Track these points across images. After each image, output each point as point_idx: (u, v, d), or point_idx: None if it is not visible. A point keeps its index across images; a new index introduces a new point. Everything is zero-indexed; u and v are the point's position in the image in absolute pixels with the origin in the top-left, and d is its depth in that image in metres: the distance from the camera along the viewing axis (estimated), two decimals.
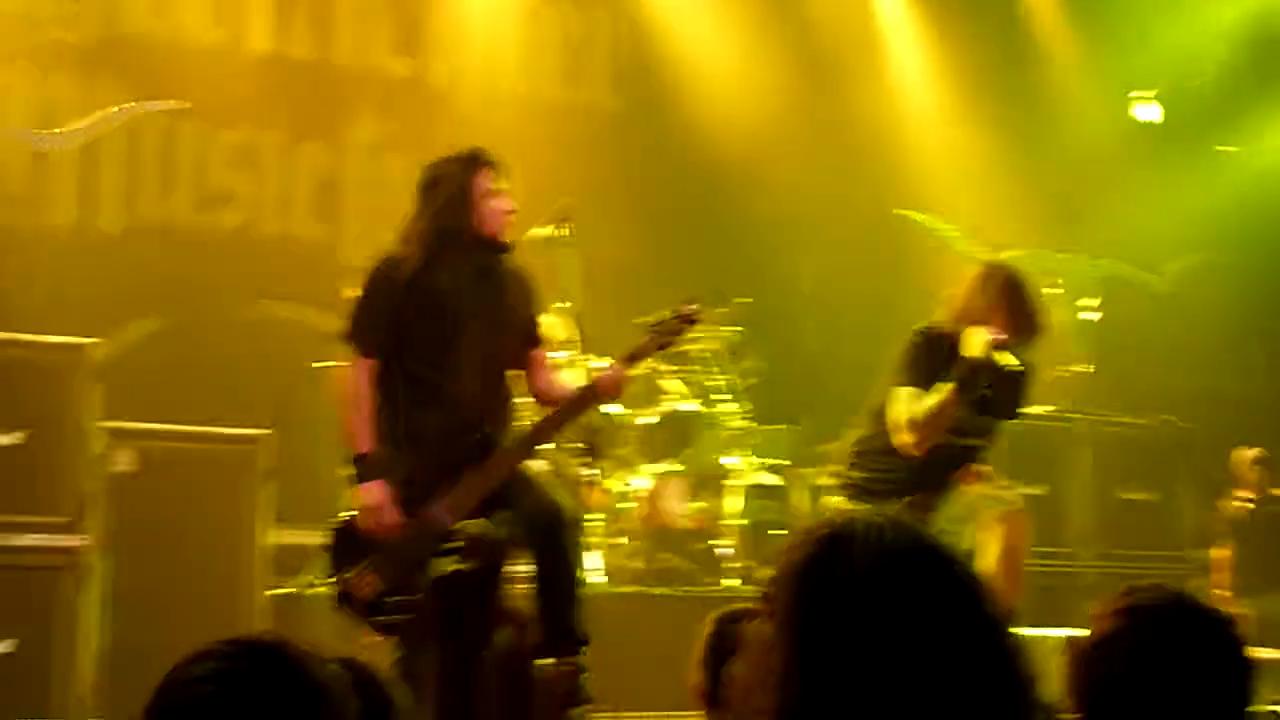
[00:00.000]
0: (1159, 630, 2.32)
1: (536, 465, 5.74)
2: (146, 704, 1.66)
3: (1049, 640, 5.93)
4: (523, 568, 5.47)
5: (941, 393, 6.01)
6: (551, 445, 7.86)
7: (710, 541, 8.34)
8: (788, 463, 8.71)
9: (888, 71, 11.41)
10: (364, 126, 10.29)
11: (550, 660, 5.33)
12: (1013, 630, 1.78)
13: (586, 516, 7.25)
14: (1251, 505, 10.27)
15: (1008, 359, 6.01)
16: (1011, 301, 6.10)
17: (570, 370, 6.73)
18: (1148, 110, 11.00)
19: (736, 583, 8.12)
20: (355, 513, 5.41)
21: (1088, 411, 9.01)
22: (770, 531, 8.22)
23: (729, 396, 8.76)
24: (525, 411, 5.77)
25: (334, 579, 5.45)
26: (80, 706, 6.25)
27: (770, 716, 1.66)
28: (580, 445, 5.77)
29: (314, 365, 8.39)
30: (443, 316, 5.40)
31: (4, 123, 8.19)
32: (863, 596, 1.69)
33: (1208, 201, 10.70)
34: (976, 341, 6.02)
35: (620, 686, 5.86)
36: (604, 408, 8.07)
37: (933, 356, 6.14)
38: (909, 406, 6.07)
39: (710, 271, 10.26)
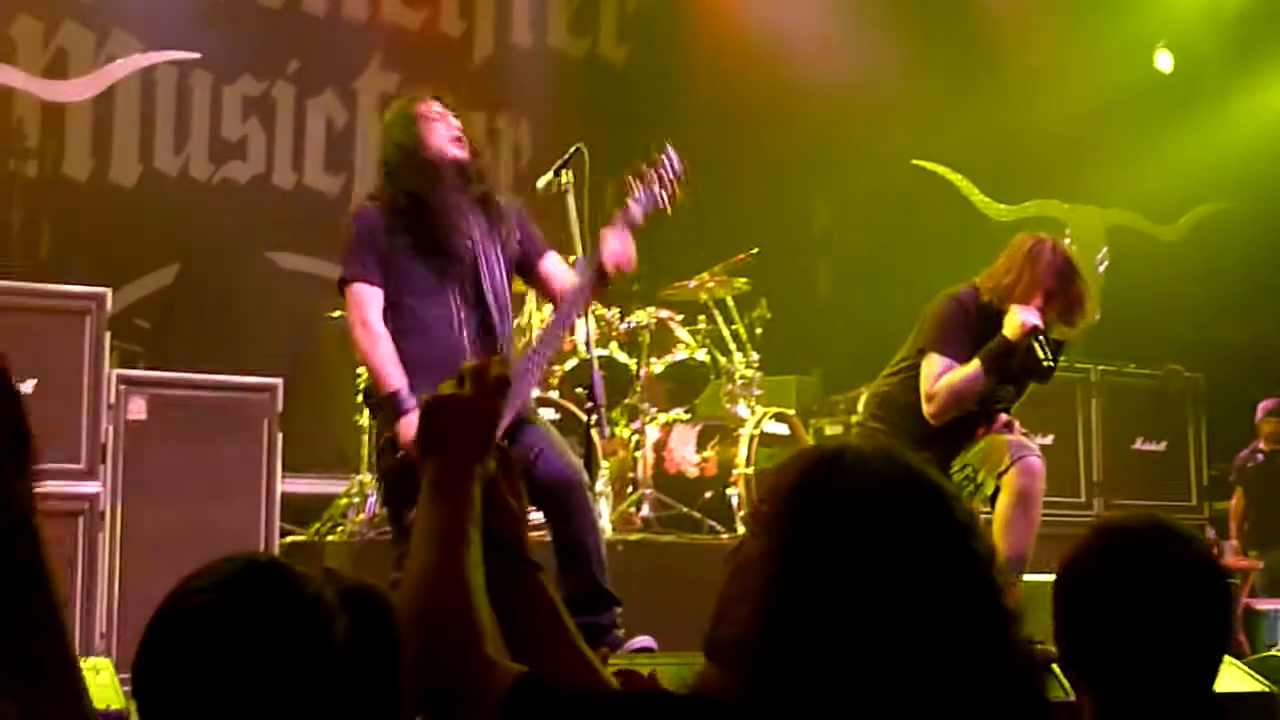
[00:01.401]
0: (1132, 551, 2.34)
1: (545, 423, 5.67)
2: (154, 612, 1.74)
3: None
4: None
5: (968, 369, 5.99)
6: (556, 394, 7.92)
7: (724, 490, 8.37)
8: (792, 412, 8.72)
9: (905, 19, 11.35)
10: (374, 77, 10.31)
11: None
12: (1006, 570, 1.79)
13: (598, 465, 7.29)
14: (1262, 457, 10.29)
15: (1043, 351, 5.99)
16: (1059, 283, 5.99)
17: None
18: (1161, 59, 10.98)
19: (743, 531, 8.15)
20: (401, 452, 5.20)
21: (1097, 361, 9.02)
22: None
23: (737, 346, 8.79)
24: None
25: (400, 520, 5.29)
26: (95, 653, 6.32)
27: (748, 628, 1.70)
28: (587, 394, 5.68)
29: (327, 315, 8.45)
30: (428, 249, 5.35)
31: (16, 74, 8.22)
32: (848, 519, 1.71)
33: (1218, 152, 10.68)
34: (1016, 323, 5.94)
35: (629, 634, 5.91)
36: (620, 355, 8.14)
37: (969, 326, 6.07)
38: (936, 377, 6.07)
39: (720, 219, 10.30)
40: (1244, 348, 10.32)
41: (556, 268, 5.59)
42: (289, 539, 7.30)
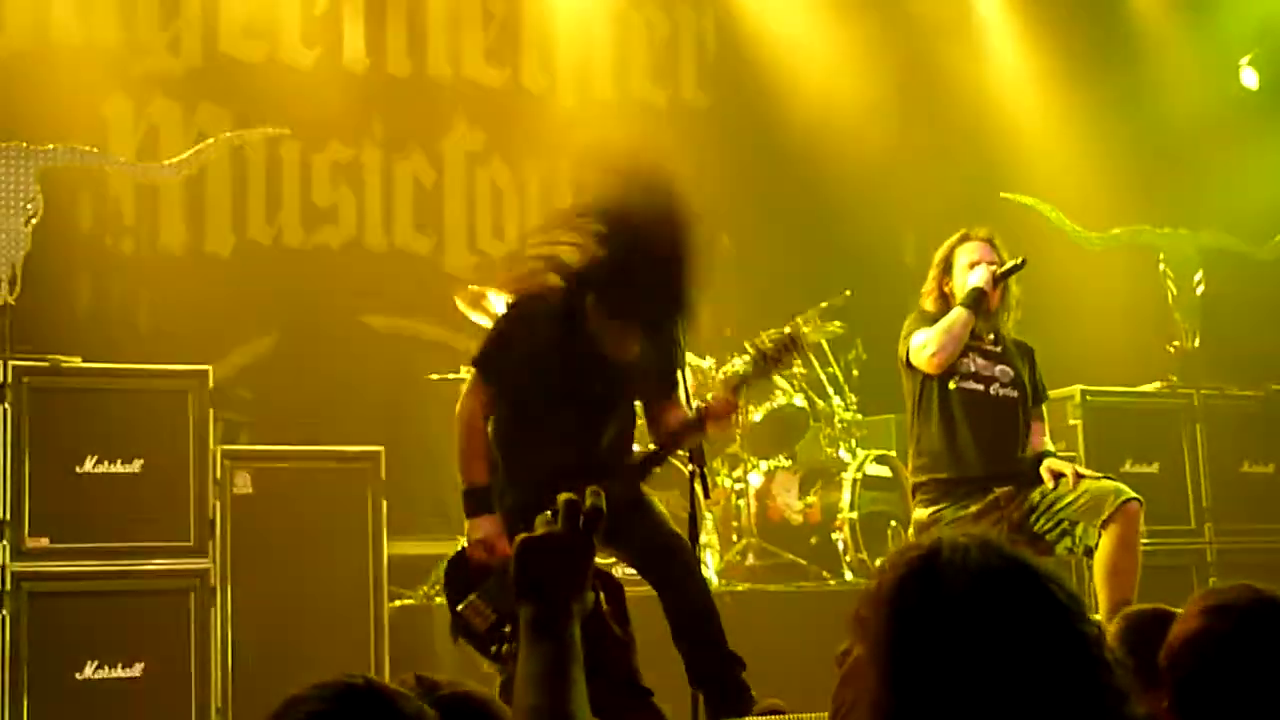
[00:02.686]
0: (1239, 628, 2.31)
1: (647, 495, 5.66)
2: None
3: None
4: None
5: (953, 313, 6.32)
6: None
7: (829, 535, 8.34)
8: (893, 453, 8.68)
9: (983, 46, 11.28)
10: (460, 136, 10.39)
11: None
12: (1107, 646, 1.78)
13: (702, 517, 7.27)
14: None
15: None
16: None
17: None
18: (1247, 76, 10.84)
19: (850, 576, 8.13)
20: (466, 545, 5.26)
21: (1198, 385, 8.91)
22: (891, 523, 8.22)
23: (835, 389, 8.77)
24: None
25: (452, 611, 5.30)
26: None
27: None
28: (689, 454, 5.67)
29: (429, 377, 8.47)
30: (571, 369, 5.22)
31: (110, 154, 8.36)
32: (952, 618, 1.71)
33: None
34: (984, 277, 6.38)
35: None
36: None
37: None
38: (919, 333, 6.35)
39: (807, 265, 10.27)
40: None
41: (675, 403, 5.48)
42: (397, 602, 7.35)
